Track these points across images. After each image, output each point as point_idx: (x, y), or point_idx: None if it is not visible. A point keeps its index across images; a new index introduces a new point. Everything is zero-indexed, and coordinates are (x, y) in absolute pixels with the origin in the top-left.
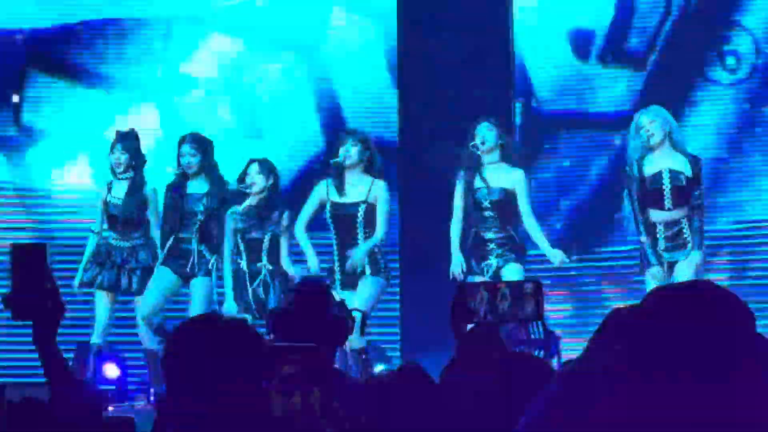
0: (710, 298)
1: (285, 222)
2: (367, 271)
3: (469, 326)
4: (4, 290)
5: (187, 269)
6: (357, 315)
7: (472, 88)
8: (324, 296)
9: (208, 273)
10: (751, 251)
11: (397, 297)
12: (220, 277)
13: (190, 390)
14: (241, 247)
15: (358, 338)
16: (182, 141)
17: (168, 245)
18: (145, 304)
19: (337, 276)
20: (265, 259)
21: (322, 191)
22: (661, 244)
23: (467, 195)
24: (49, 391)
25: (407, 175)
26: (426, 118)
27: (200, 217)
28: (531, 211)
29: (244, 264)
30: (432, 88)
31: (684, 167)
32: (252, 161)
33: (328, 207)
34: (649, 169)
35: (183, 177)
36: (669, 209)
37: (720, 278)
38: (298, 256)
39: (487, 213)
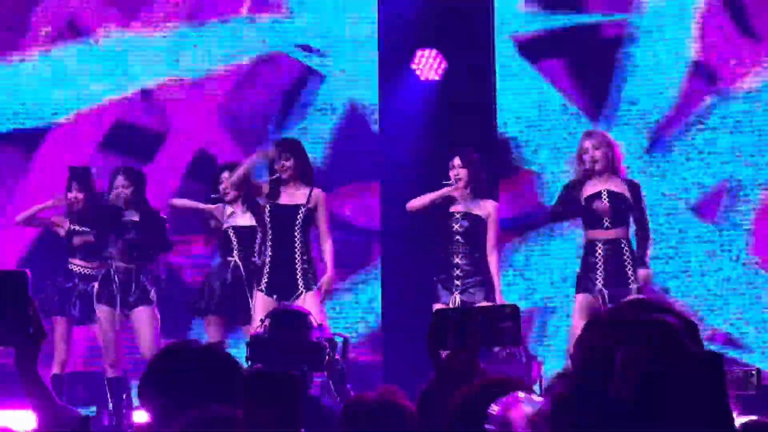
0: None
1: None
2: (302, 288)
3: (446, 352)
4: None
5: (129, 298)
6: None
7: (454, 121)
8: (301, 322)
9: (150, 303)
10: None
11: (379, 320)
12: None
13: (167, 417)
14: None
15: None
16: (116, 173)
17: (102, 274)
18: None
19: (265, 279)
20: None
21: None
22: (601, 272)
23: (442, 222)
24: (32, 417)
25: (389, 204)
26: (408, 151)
27: (135, 244)
28: (495, 245)
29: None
30: (413, 123)
31: (623, 190)
32: (222, 168)
33: (267, 210)
34: (587, 191)
35: (116, 207)
36: (607, 228)
37: None
38: None
39: (457, 239)
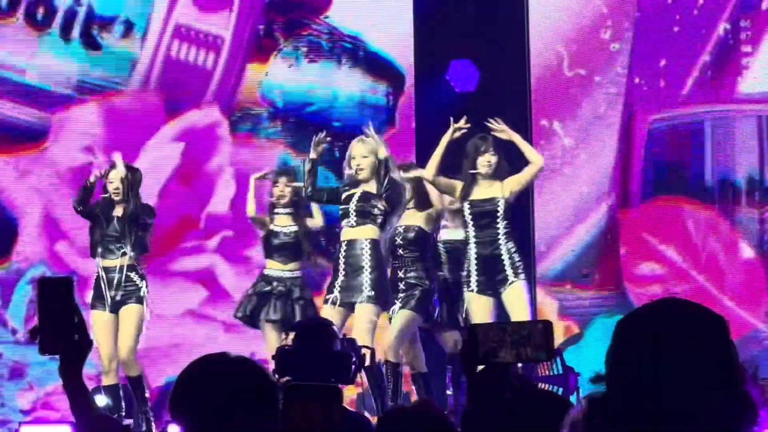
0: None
1: None
2: (512, 278)
3: (480, 367)
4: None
5: (118, 299)
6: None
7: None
8: (325, 333)
9: (139, 300)
10: None
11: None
12: None
13: (199, 429)
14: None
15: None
16: (112, 167)
17: (95, 277)
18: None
19: (475, 278)
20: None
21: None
22: (339, 280)
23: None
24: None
25: None
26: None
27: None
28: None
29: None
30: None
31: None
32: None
33: (467, 208)
34: (346, 198)
35: (108, 203)
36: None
37: None
38: None
39: (399, 252)
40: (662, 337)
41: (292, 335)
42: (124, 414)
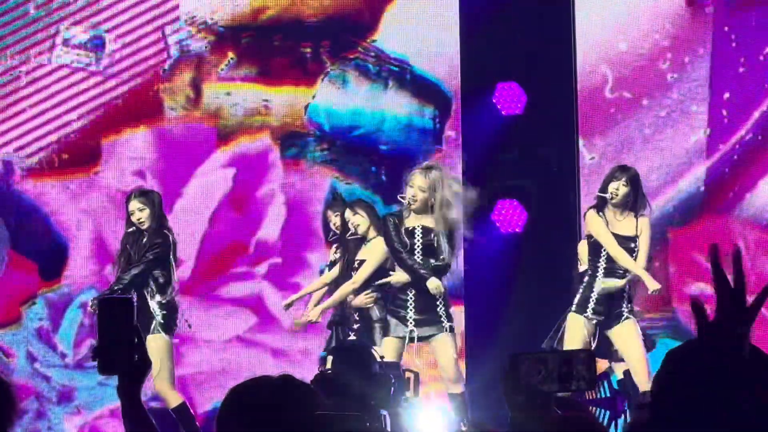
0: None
1: None
2: (626, 314)
3: (522, 396)
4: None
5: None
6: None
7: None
8: (364, 357)
9: (157, 330)
10: None
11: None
12: None
13: None
14: None
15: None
16: (129, 199)
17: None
18: None
19: (592, 306)
20: None
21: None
22: (411, 313)
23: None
24: None
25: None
26: (490, 175)
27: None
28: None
29: None
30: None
31: (437, 226)
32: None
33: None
34: (406, 223)
35: (137, 235)
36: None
37: None
38: None
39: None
40: (708, 373)
41: (330, 359)
42: None
